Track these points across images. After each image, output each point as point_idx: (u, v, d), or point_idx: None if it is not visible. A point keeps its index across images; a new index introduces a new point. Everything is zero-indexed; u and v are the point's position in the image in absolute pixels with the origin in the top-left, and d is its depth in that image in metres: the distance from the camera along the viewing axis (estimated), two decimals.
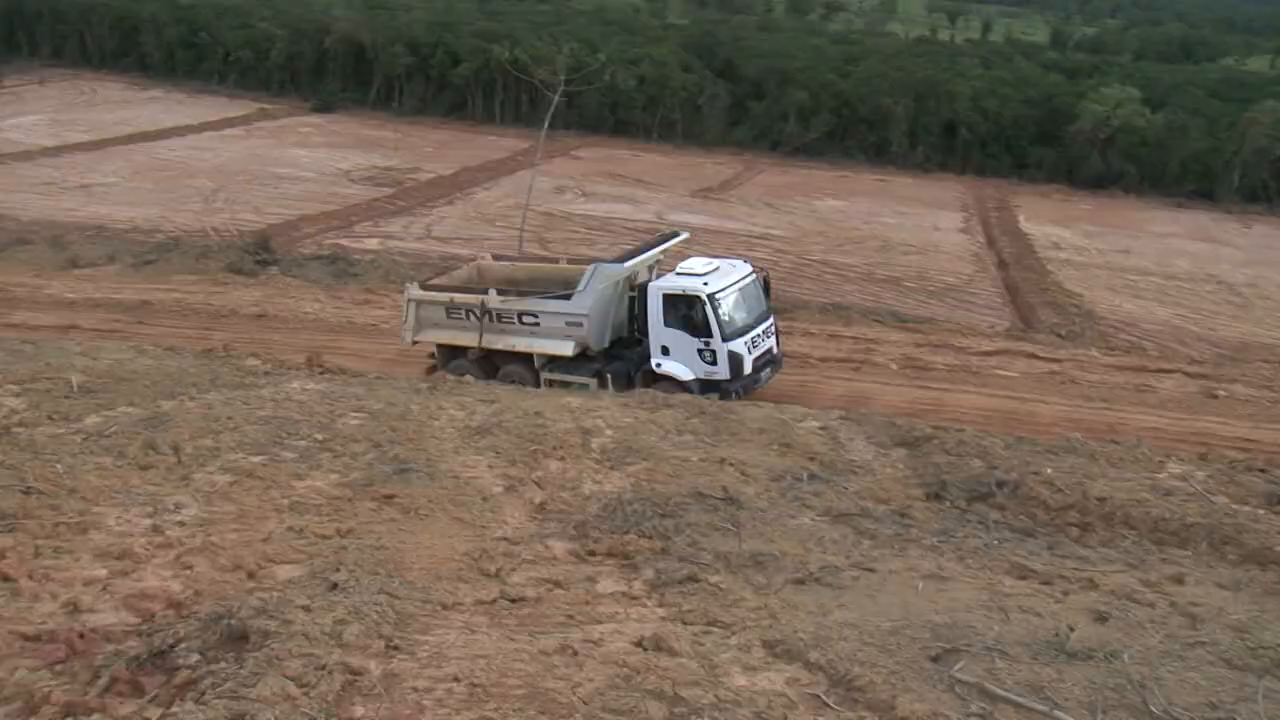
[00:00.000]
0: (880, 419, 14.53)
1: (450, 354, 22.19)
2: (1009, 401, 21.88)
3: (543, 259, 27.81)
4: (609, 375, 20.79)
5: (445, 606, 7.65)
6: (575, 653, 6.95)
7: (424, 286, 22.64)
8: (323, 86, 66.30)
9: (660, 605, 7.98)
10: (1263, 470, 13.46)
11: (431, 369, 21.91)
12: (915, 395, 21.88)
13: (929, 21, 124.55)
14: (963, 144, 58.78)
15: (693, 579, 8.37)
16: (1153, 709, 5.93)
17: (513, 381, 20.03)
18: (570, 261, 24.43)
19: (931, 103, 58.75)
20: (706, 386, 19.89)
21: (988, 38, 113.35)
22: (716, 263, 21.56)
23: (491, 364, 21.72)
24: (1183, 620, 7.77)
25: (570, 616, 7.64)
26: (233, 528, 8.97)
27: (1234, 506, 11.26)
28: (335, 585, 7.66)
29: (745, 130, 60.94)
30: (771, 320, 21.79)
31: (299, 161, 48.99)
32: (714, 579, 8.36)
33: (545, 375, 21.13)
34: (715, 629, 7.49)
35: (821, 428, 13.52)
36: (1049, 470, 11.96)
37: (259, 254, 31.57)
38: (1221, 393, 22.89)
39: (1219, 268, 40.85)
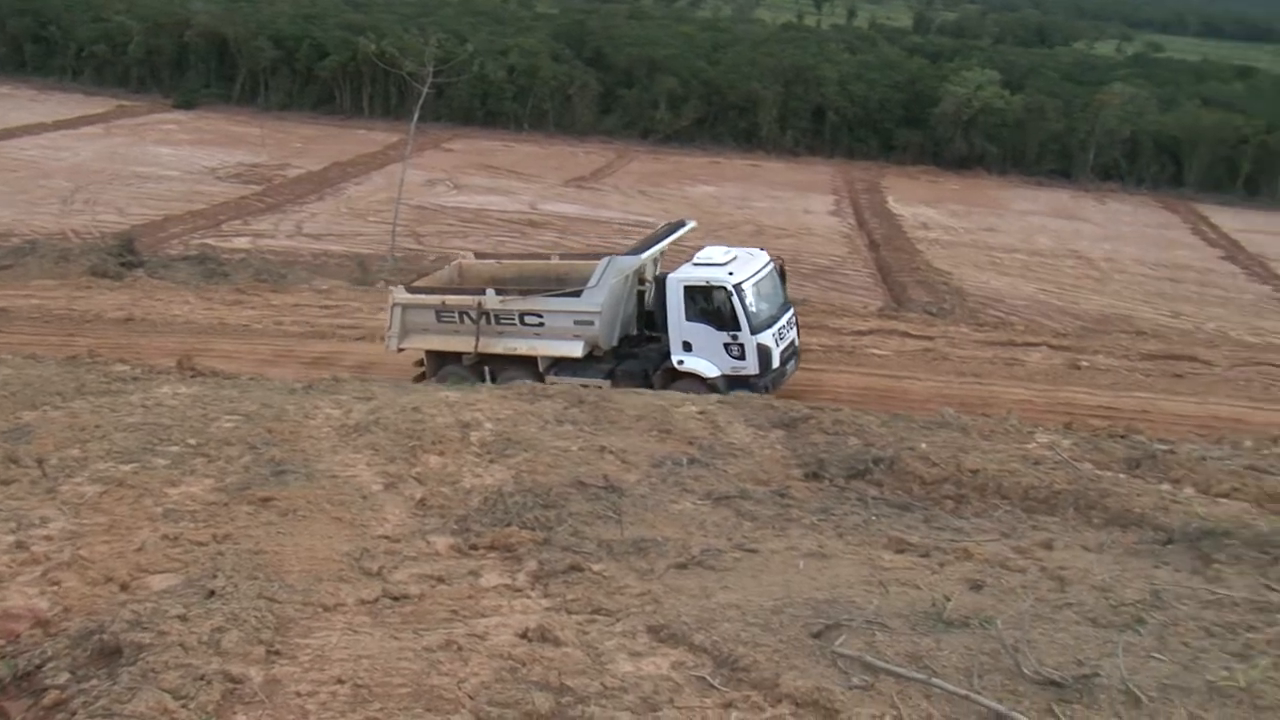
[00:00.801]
0: (758, 401, 14.65)
1: (441, 360, 20.90)
2: (884, 379, 22.30)
3: (531, 256, 26.67)
4: (622, 376, 19.63)
5: (327, 608, 7.51)
6: (460, 648, 6.89)
7: (411, 289, 21.19)
8: (184, 82, 64.55)
9: (544, 596, 7.95)
10: (1123, 436, 13.98)
11: (420, 377, 20.67)
12: (793, 376, 22.15)
13: (795, 8, 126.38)
14: (831, 128, 59.86)
15: (576, 568, 8.36)
16: (1025, 670, 6.12)
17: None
18: (562, 257, 23.31)
19: (800, 88, 59.67)
20: (733, 383, 18.93)
21: (853, 23, 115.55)
22: (734, 251, 20.70)
23: (499, 370, 20.39)
24: (1052, 584, 8.01)
25: (454, 612, 7.57)
26: (103, 539, 8.69)
27: (1098, 472, 11.62)
28: (212, 593, 7.47)
29: (616, 119, 61.13)
30: (792, 310, 21.17)
31: (162, 160, 47.68)
32: (597, 567, 8.37)
33: (551, 379, 19.50)
34: (600, 617, 7.49)
35: (700, 412, 13.59)
36: (924, 445, 12.20)
37: (124, 256, 30.58)
38: (1084, 363, 23.64)
39: (1078, 243, 42.38)
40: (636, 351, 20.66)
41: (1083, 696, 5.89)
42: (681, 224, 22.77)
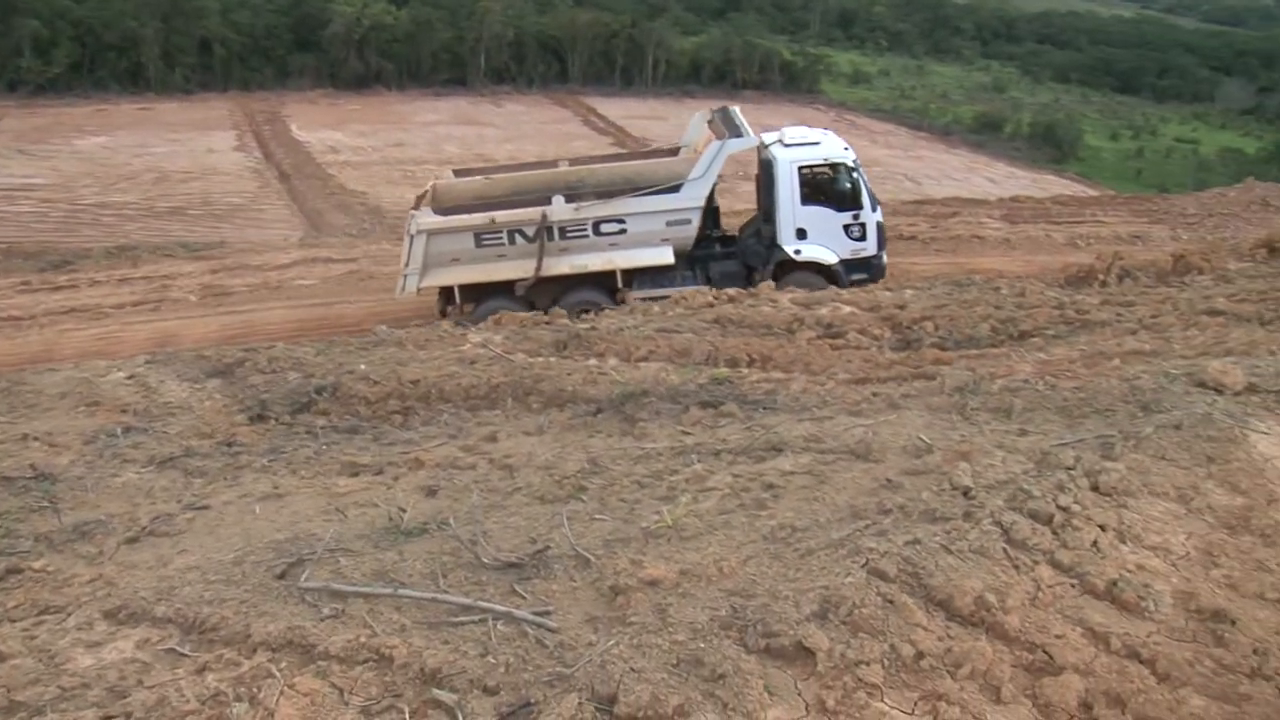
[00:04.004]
0: (189, 354, 14.09)
1: (474, 294, 17.54)
2: (316, 309, 22.00)
3: (521, 166, 22.35)
4: (722, 278, 17.70)
5: None
6: None
7: (442, 210, 17.29)
8: None
9: None
10: (549, 322, 14.94)
11: (444, 314, 17.48)
12: (223, 322, 21.30)
13: None
14: (221, 61, 57.67)
15: (14, 571, 7.66)
16: (484, 560, 6.45)
17: (583, 312, 15.88)
18: (573, 162, 20.15)
19: (180, 21, 56.84)
20: (852, 268, 18.05)
21: None
22: (812, 130, 19.34)
23: (542, 297, 17.50)
24: (501, 473, 8.46)
25: None
26: None
27: (530, 360, 12.38)
28: None
29: None
30: None
31: None
32: (38, 564, 7.71)
33: (634, 294, 17.34)
34: (48, 616, 6.93)
35: (129, 377, 12.86)
36: (363, 366, 12.36)
37: None
38: None
39: (484, 147, 44.15)
40: (720, 251, 18.96)
41: (539, 571, 6.30)
42: (726, 108, 20.15)
